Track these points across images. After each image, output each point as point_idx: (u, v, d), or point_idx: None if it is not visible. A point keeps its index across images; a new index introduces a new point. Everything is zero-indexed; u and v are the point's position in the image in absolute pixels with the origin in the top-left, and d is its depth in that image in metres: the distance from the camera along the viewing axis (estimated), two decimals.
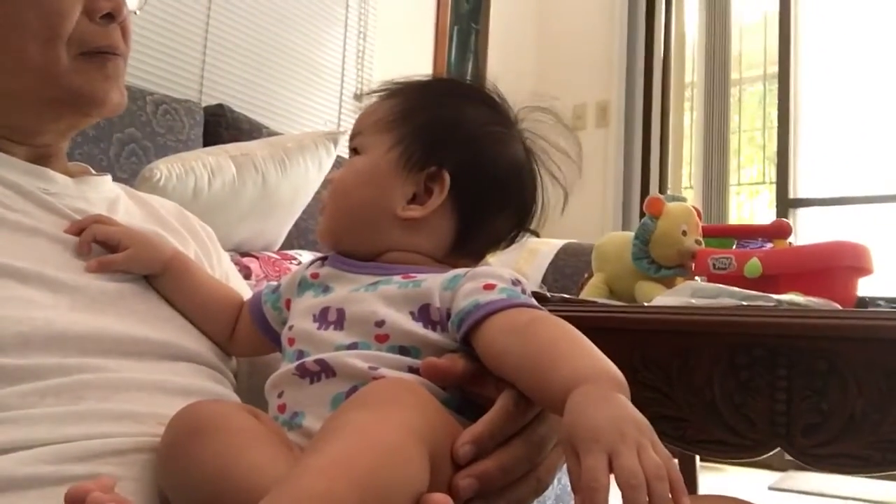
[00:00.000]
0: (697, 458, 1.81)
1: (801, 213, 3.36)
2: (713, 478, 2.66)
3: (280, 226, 1.95)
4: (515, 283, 0.56)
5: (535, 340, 0.50)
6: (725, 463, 2.95)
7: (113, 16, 0.68)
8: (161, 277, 0.68)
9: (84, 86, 0.67)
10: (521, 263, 2.38)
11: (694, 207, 1.32)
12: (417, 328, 0.55)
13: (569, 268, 2.35)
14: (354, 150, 0.65)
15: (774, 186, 3.46)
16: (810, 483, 2.78)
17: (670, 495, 0.39)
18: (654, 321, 0.90)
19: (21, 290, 0.57)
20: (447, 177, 0.61)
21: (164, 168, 1.56)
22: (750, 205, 3.79)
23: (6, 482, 0.47)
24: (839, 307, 0.96)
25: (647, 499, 0.38)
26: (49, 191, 0.68)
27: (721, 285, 0.97)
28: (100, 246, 0.67)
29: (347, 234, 0.64)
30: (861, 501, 2.59)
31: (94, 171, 0.78)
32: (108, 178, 0.78)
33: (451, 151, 0.62)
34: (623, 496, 0.38)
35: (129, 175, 1.73)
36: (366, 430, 0.43)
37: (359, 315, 0.57)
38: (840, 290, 1.06)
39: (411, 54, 3.22)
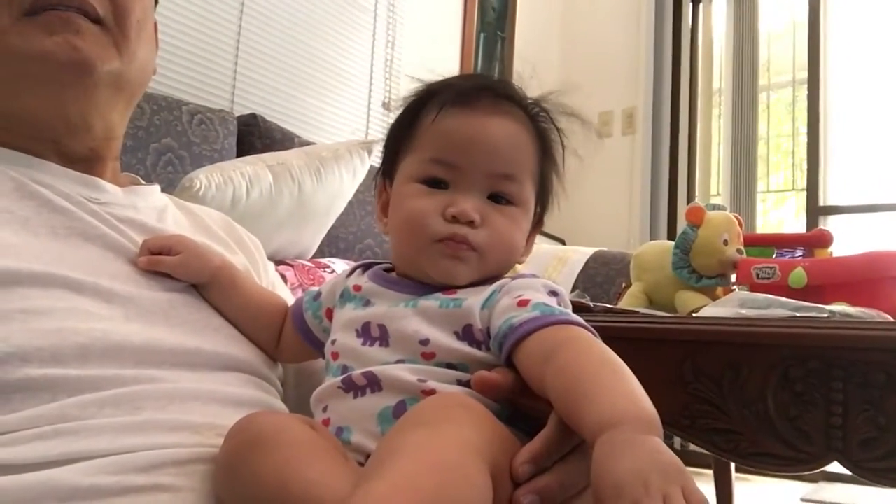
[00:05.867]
0: (732, 466, 1.79)
1: (831, 220, 3.32)
2: (744, 488, 2.63)
3: (314, 234, 1.96)
4: (552, 293, 0.56)
5: (562, 376, 0.49)
6: (778, 476, 2.92)
7: None
8: (209, 287, 0.68)
9: (24, 47, 0.61)
10: (550, 272, 2.37)
11: (735, 216, 1.31)
12: (463, 346, 0.55)
13: (599, 276, 2.34)
14: (506, 198, 0.62)
15: (803, 193, 3.42)
16: (843, 495, 2.74)
17: None
18: (706, 332, 0.88)
19: (78, 301, 0.58)
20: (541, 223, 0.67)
21: (204, 178, 1.58)
22: (777, 212, 3.75)
23: (70, 492, 0.47)
24: (891, 318, 0.95)
25: None
26: (99, 200, 0.68)
27: (770, 296, 0.96)
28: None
29: (487, 276, 0.61)
30: None
31: (142, 181, 0.78)
32: (157, 187, 0.78)
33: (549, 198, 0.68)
34: None
35: (166, 184, 1.75)
36: (425, 451, 0.42)
37: (402, 333, 0.57)
38: (885, 300, 1.05)
39: (438, 62, 3.23)
